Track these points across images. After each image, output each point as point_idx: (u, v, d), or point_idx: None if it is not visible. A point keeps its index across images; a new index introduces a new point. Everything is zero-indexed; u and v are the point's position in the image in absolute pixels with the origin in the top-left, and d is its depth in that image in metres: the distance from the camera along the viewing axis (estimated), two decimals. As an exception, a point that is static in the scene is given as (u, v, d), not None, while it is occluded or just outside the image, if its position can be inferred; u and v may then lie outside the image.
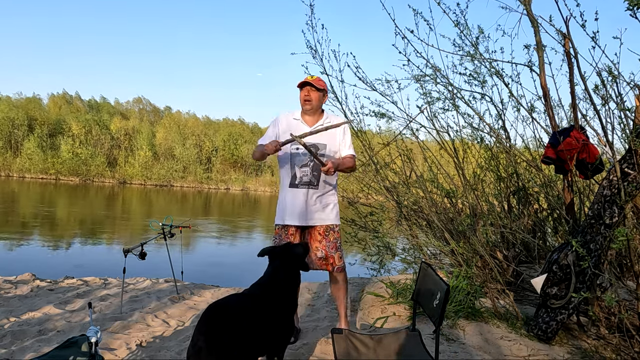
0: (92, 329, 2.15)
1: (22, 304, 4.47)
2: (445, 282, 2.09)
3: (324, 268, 3.17)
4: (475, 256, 4.08)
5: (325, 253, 3.13)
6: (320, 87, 3.10)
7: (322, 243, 3.14)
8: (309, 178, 3.10)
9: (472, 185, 4.63)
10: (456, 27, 4.18)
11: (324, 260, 3.14)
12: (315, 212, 3.13)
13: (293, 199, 3.11)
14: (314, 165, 3.09)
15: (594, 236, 3.04)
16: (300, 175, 3.11)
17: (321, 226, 3.15)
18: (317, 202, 3.13)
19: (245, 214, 25.29)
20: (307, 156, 3.06)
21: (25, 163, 46.61)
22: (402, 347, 2.31)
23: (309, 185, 3.11)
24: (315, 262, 3.16)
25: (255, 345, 2.06)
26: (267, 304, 2.27)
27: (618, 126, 3.78)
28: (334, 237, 3.16)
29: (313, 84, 3.06)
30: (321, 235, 3.15)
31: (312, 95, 3.07)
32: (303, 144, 2.88)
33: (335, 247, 3.16)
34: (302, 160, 3.10)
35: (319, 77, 3.18)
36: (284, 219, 3.16)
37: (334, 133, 3.14)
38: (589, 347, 3.13)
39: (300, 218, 3.11)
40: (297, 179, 3.11)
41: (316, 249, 3.16)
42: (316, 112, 3.14)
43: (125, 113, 59.83)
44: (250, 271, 2.85)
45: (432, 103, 4.70)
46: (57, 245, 11.14)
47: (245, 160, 56.11)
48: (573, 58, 3.42)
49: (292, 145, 3.07)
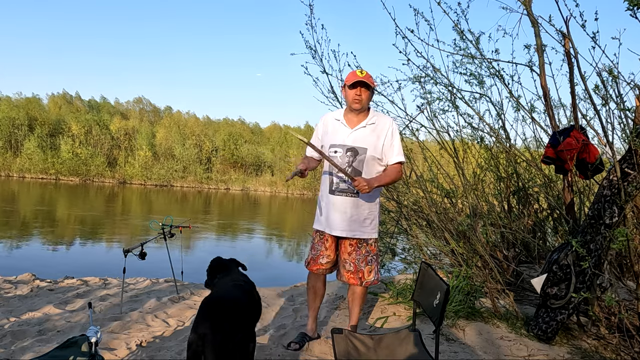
0: (92, 329, 2.15)
1: (22, 304, 4.47)
2: (445, 282, 2.08)
3: (352, 282, 3.00)
4: (475, 256, 4.08)
5: (354, 267, 2.96)
6: (372, 85, 2.85)
7: (352, 255, 2.96)
8: (347, 185, 2.88)
9: (472, 185, 4.63)
10: (456, 27, 4.18)
11: (352, 274, 2.97)
12: (351, 223, 2.90)
13: (330, 207, 2.94)
14: (352, 171, 2.84)
15: (594, 236, 3.04)
16: (337, 181, 2.90)
17: (353, 239, 2.95)
18: (354, 213, 2.90)
19: (245, 214, 25.30)
20: (346, 160, 2.85)
21: (25, 163, 46.59)
22: (402, 347, 2.31)
23: (347, 193, 2.89)
24: (343, 274, 3.01)
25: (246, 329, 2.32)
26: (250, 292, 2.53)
27: (618, 126, 3.79)
28: (366, 250, 2.96)
29: (366, 82, 2.80)
30: (352, 246, 2.96)
31: (364, 95, 2.83)
32: (326, 157, 2.70)
33: (366, 261, 2.96)
34: (340, 164, 2.83)
35: (368, 72, 2.88)
36: (321, 225, 3.01)
37: (380, 134, 2.88)
38: (589, 347, 3.13)
39: (335, 228, 2.93)
40: (334, 185, 2.92)
41: (344, 260, 2.99)
42: (363, 111, 2.91)
43: (125, 113, 59.79)
44: (251, 271, 2.85)
45: (431, 103, 4.71)
46: (57, 245, 11.14)
47: (245, 160, 56.10)
48: (573, 58, 3.42)
49: (331, 147, 2.90)
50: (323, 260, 3.04)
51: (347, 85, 2.86)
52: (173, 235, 4.99)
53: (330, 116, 3.02)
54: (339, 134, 2.91)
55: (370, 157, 2.86)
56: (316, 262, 3.05)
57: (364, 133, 2.89)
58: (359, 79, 2.80)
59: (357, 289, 3.05)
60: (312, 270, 3.10)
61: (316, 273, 3.11)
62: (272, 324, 3.77)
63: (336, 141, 2.92)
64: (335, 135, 2.93)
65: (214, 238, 14.34)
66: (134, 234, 13.60)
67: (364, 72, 2.85)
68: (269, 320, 3.90)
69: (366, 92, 2.84)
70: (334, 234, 2.95)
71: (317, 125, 3.10)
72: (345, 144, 2.89)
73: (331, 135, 2.95)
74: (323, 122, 3.04)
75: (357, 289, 3.05)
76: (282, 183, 49.08)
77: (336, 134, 2.93)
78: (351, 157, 2.87)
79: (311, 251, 3.10)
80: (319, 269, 3.06)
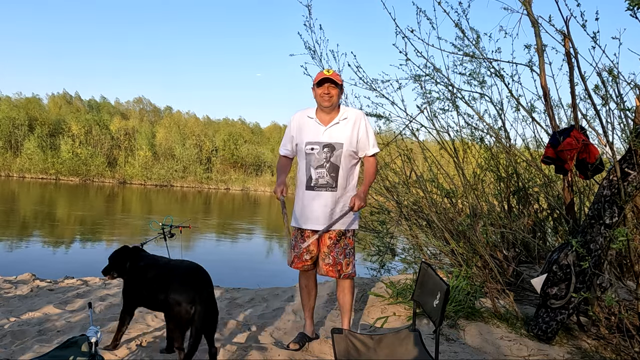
0: (92, 329, 2.15)
1: (22, 304, 4.47)
2: (445, 282, 2.08)
3: (331, 275, 3.04)
4: (475, 256, 4.08)
5: (333, 259, 3.00)
6: (339, 82, 2.93)
7: (331, 249, 3.00)
8: (325, 180, 2.94)
9: (472, 185, 4.63)
10: (457, 26, 4.18)
11: (331, 267, 3.01)
12: (332, 216, 2.95)
13: (310, 202, 2.98)
14: (330, 167, 2.93)
15: (594, 236, 3.04)
16: (316, 176, 2.95)
17: (333, 231, 2.99)
18: (334, 207, 2.96)
19: (245, 214, 25.29)
20: (323, 156, 2.93)
21: (25, 163, 46.61)
22: (402, 347, 2.31)
23: (326, 187, 2.95)
24: (322, 267, 3.04)
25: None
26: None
27: (618, 126, 3.78)
28: (344, 243, 3.02)
29: (333, 79, 2.88)
30: (332, 239, 3.00)
31: (333, 92, 2.90)
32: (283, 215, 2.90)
33: (344, 254, 3.01)
34: (317, 160, 2.94)
35: (335, 71, 2.97)
36: (299, 223, 3.05)
37: (353, 128, 2.94)
38: (589, 347, 3.13)
39: (316, 222, 2.97)
40: (313, 181, 2.96)
41: (324, 254, 3.02)
42: (334, 109, 2.97)
43: (126, 113, 59.81)
44: (251, 271, 2.85)
45: (432, 103, 4.71)
46: (57, 245, 11.14)
47: (245, 160, 56.12)
48: (573, 58, 3.42)
49: (307, 145, 2.96)
50: (307, 256, 3.06)
51: (315, 83, 2.96)
52: (173, 236, 4.98)
53: (302, 114, 3.07)
54: (314, 131, 2.98)
55: (347, 151, 2.94)
56: (300, 259, 3.07)
57: (339, 129, 2.97)
58: (324, 77, 2.90)
59: (344, 284, 3.10)
60: (298, 268, 3.13)
61: (302, 270, 3.14)
62: (271, 324, 3.77)
63: (312, 138, 2.99)
64: (310, 132, 2.99)
65: (214, 238, 14.34)
66: (134, 234, 13.60)
67: (331, 71, 2.95)
68: (268, 320, 3.90)
69: (334, 90, 2.92)
70: (315, 229, 2.99)
71: (289, 123, 3.14)
72: (321, 140, 2.96)
73: (305, 133, 3.01)
74: (295, 120, 3.09)
75: (345, 284, 3.10)
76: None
77: (310, 132, 2.99)
78: (328, 153, 2.95)
79: (293, 250, 3.10)
80: (304, 265, 3.09)
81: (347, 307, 3.16)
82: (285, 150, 3.16)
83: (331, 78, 2.89)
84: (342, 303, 3.17)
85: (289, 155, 3.17)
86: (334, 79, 2.89)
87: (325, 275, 3.09)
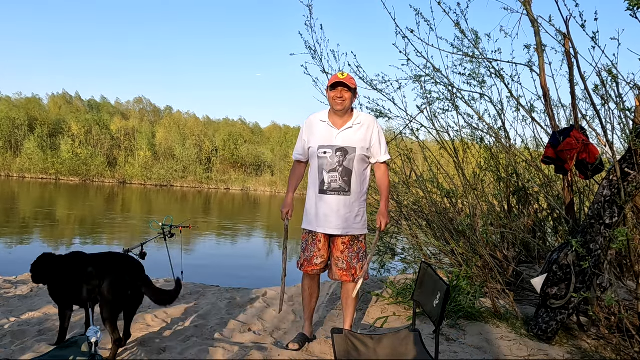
0: (92, 329, 2.15)
1: (22, 304, 4.47)
2: (445, 282, 2.09)
3: (345, 279, 3.02)
4: (475, 256, 4.08)
5: (347, 264, 2.99)
6: (353, 86, 2.90)
7: (345, 253, 2.99)
8: (338, 184, 2.93)
9: (472, 185, 4.63)
10: (456, 27, 4.18)
11: (345, 272, 3.00)
12: (345, 221, 2.95)
13: (323, 206, 2.96)
14: (343, 170, 2.92)
15: (594, 236, 3.04)
16: (329, 180, 2.94)
17: (346, 236, 2.99)
18: (347, 211, 2.95)
19: (245, 214, 25.30)
20: (336, 160, 2.91)
21: (25, 163, 46.57)
22: (402, 347, 2.31)
23: (339, 191, 2.94)
24: (336, 272, 3.03)
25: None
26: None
27: (618, 126, 3.78)
28: (357, 247, 3.02)
29: (346, 83, 2.86)
30: (345, 244, 3.00)
31: (346, 96, 2.88)
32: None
33: (358, 258, 3.01)
34: (330, 164, 2.92)
35: (349, 74, 2.95)
36: (313, 226, 3.02)
37: (367, 133, 2.95)
38: (589, 347, 3.14)
39: (329, 226, 2.96)
40: (326, 185, 2.95)
41: (337, 259, 3.02)
42: (346, 112, 2.96)
43: (126, 113, 59.77)
44: (251, 271, 2.85)
45: (432, 103, 4.71)
46: (57, 245, 11.14)
47: (245, 160, 56.07)
48: (573, 58, 3.43)
49: (320, 148, 2.95)
50: (317, 260, 3.05)
51: (328, 86, 2.93)
52: (173, 235, 4.98)
53: (315, 117, 3.06)
54: (326, 135, 2.96)
55: (359, 155, 2.94)
56: (310, 263, 3.05)
57: (352, 133, 2.95)
58: (338, 80, 2.87)
59: (350, 287, 3.07)
60: (307, 272, 3.11)
61: (311, 274, 3.12)
62: (272, 324, 3.77)
63: (324, 142, 2.97)
64: (323, 136, 2.97)
65: (214, 238, 14.34)
66: (134, 234, 13.60)
67: (345, 74, 2.92)
68: (268, 320, 3.90)
69: (348, 93, 2.89)
70: (328, 233, 2.98)
71: (302, 127, 3.14)
72: (334, 144, 2.94)
73: (318, 137, 3.00)
74: (308, 123, 3.08)
75: (350, 287, 3.07)
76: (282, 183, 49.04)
77: (323, 136, 2.97)
78: (341, 157, 2.93)
79: (304, 253, 3.10)
80: (314, 269, 3.07)
81: (351, 309, 3.15)
82: (299, 155, 3.15)
83: (344, 82, 2.87)
84: (346, 305, 3.16)
85: (302, 159, 3.16)
86: (347, 83, 2.87)
87: (338, 280, 3.08)
